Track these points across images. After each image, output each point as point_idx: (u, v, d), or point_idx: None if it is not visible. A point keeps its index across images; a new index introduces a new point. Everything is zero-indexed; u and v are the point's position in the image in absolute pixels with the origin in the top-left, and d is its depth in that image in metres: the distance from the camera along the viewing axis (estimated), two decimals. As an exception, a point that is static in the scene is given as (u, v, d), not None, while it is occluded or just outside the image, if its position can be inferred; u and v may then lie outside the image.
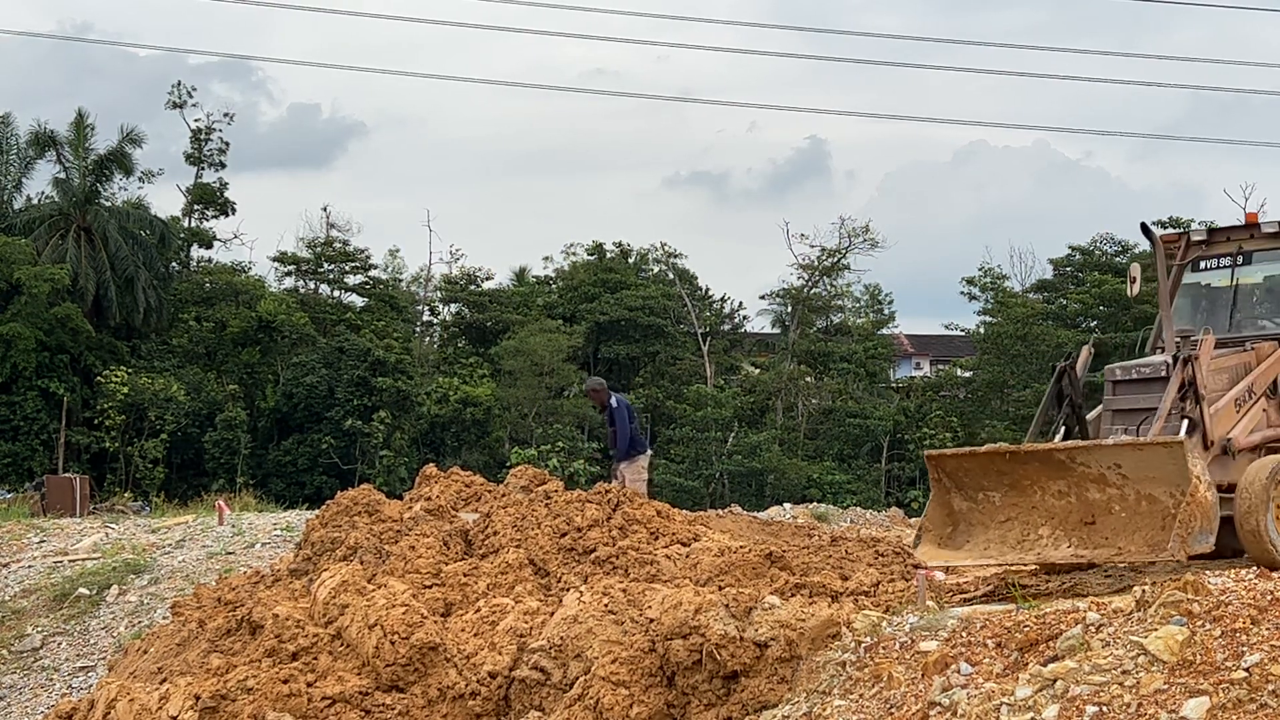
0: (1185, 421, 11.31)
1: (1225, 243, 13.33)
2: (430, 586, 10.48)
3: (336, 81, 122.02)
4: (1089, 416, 12.14)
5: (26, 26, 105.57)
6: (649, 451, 16.44)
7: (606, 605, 9.02)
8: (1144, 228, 12.78)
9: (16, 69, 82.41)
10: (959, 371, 56.65)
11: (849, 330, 57.62)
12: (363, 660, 9.29)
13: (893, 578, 9.72)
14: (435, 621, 9.49)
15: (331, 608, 9.86)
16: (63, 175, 47.88)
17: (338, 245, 55.09)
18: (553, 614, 9.37)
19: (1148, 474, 10.51)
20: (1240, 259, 13.19)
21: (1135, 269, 13.07)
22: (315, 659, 9.38)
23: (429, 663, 9.13)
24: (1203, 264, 13.54)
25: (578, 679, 8.46)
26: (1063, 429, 12.14)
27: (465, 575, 10.56)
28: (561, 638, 8.77)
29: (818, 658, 7.93)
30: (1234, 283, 13.31)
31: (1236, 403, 11.93)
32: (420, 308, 58.66)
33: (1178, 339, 12.25)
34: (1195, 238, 13.40)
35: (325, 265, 55.31)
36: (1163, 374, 11.74)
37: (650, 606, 8.78)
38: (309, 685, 9.04)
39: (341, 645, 9.50)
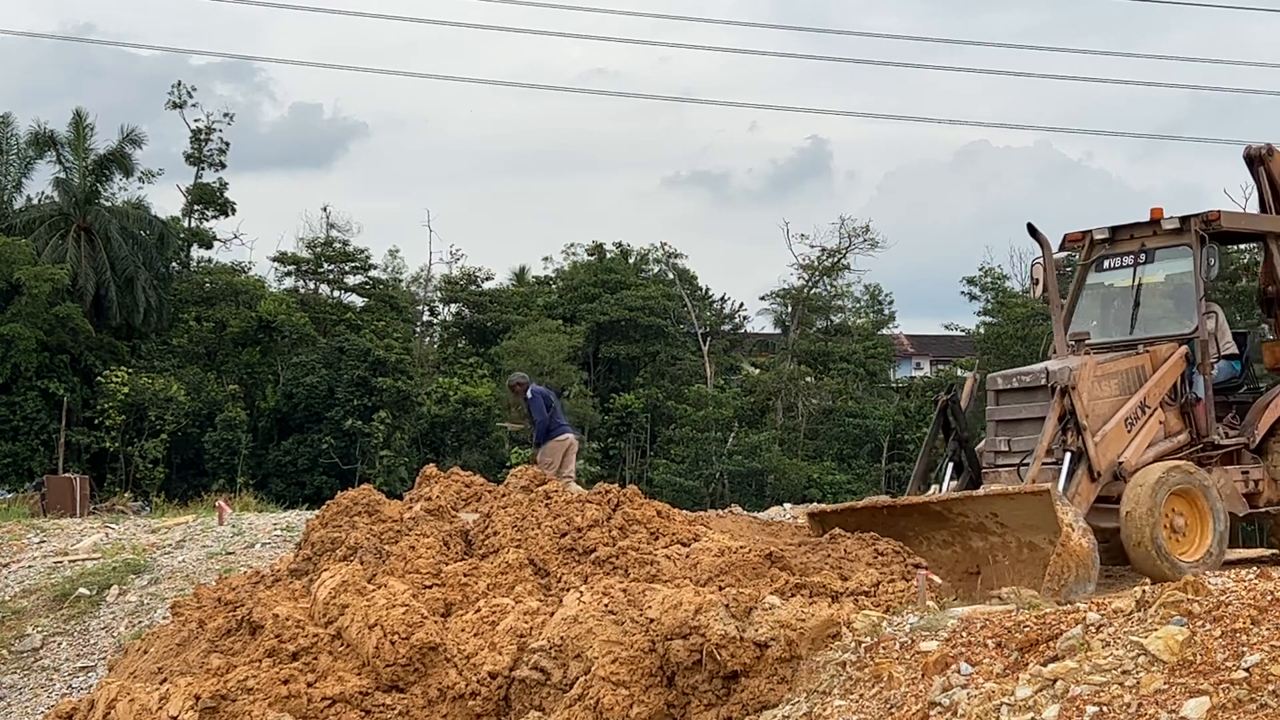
0: (1067, 455, 10.97)
1: (1128, 240, 12.89)
2: (430, 586, 10.47)
3: (338, 82, 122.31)
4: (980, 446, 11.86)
5: (28, 27, 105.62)
6: (568, 435, 17.56)
7: (606, 605, 9.02)
8: (1031, 229, 12.24)
9: (19, 70, 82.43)
10: (959, 372, 56.61)
11: (849, 330, 57.59)
12: (363, 660, 9.28)
13: (893, 578, 9.71)
14: (435, 621, 9.49)
15: (331, 608, 9.85)
16: (63, 175, 47.89)
17: (338, 245, 55.05)
18: (553, 614, 9.37)
19: (1025, 522, 10.31)
20: (1143, 257, 12.76)
21: (1038, 270, 12.55)
22: (315, 659, 9.38)
23: (429, 663, 9.13)
24: (1107, 263, 13.08)
25: (578, 679, 8.46)
26: (950, 465, 11.91)
27: (465, 575, 10.55)
28: (562, 638, 8.77)
29: (818, 658, 7.93)
30: (1136, 282, 12.84)
31: (1127, 422, 11.47)
32: (420, 308, 58.62)
33: (1071, 343, 11.81)
34: (1098, 236, 13.01)
35: (325, 265, 55.27)
36: (1042, 382, 11.38)
37: (650, 606, 8.78)
38: (309, 685, 9.04)
39: (341, 645, 9.49)
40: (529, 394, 17.68)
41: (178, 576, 18.48)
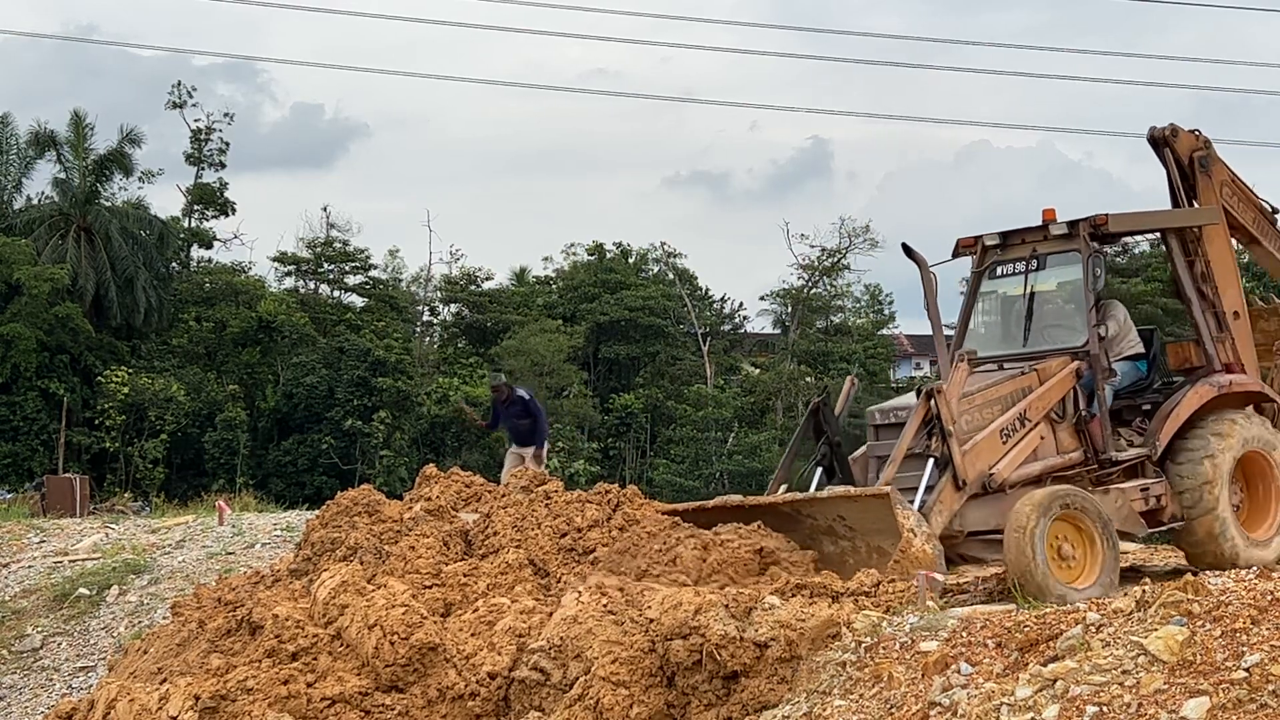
0: (930, 462, 10.47)
1: (1020, 246, 12.26)
2: (430, 587, 10.47)
3: (340, 82, 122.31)
4: (854, 455, 11.42)
5: (31, 28, 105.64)
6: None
7: (605, 605, 9.01)
8: (905, 249, 11.68)
9: (22, 70, 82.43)
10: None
11: (849, 330, 57.62)
12: (362, 661, 9.28)
13: (893, 578, 9.69)
14: (435, 622, 9.48)
15: (331, 608, 9.85)
16: (63, 175, 47.92)
17: (338, 245, 55.10)
18: (551, 614, 9.36)
19: (871, 526, 10.01)
20: (1034, 264, 12.13)
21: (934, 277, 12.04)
22: (315, 659, 9.37)
23: (428, 663, 9.12)
24: (1000, 270, 12.45)
25: (578, 679, 8.45)
26: (820, 470, 11.51)
27: (465, 575, 10.55)
28: (561, 638, 8.76)
29: (818, 658, 7.93)
30: (1028, 291, 12.22)
31: (1002, 433, 10.93)
32: (420, 308, 58.64)
33: (962, 359, 11.13)
34: (990, 242, 12.37)
35: (325, 265, 55.31)
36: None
37: (650, 607, 8.78)
38: (309, 686, 9.03)
39: (341, 645, 9.49)
40: (527, 397, 17.82)
41: (178, 576, 18.48)
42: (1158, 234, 12.91)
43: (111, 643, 16.89)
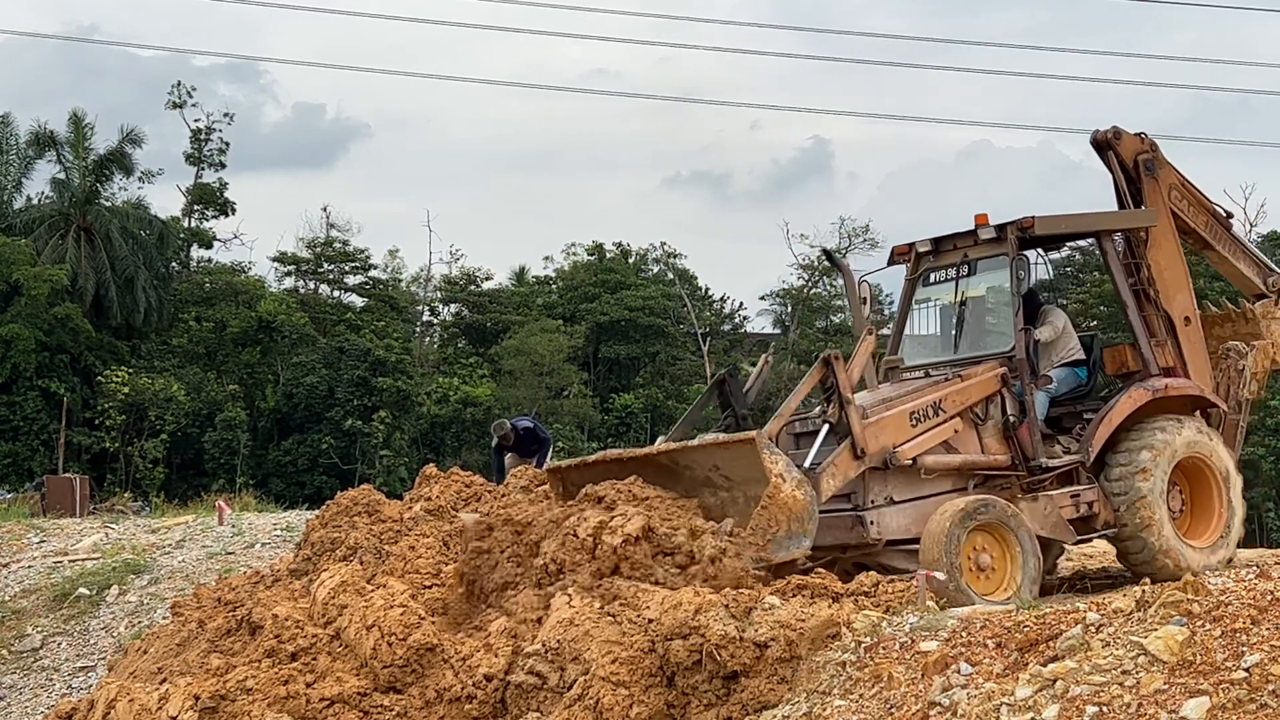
0: (825, 425, 10.41)
1: (952, 251, 12.12)
2: (430, 586, 10.47)
3: (341, 82, 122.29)
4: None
5: (33, 28, 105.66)
6: None
7: (601, 607, 8.98)
8: (826, 254, 11.53)
9: (23, 70, 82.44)
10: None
11: (849, 330, 57.61)
12: (361, 661, 9.27)
13: (893, 578, 9.68)
14: (432, 622, 9.46)
15: (330, 608, 9.84)
16: (62, 176, 47.91)
17: (337, 245, 55.13)
18: (539, 620, 9.29)
19: (745, 474, 9.86)
20: (965, 269, 11.99)
21: (865, 288, 11.91)
22: (314, 660, 9.36)
23: (426, 664, 9.09)
24: (933, 277, 12.31)
25: (576, 680, 8.44)
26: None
27: (465, 575, 10.53)
28: (558, 641, 8.73)
29: (818, 658, 7.93)
30: (959, 297, 12.10)
31: (912, 415, 10.83)
32: (420, 308, 58.66)
33: (870, 331, 11.07)
34: (922, 249, 12.27)
35: (325, 265, 55.33)
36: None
37: (648, 607, 8.77)
38: (308, 686, 9.03)
39: (340, 646, 9.47)
40: (531, 425, 17.27)
41: (178, 576, 18.48)
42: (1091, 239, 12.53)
43: (111, 643, 16.89)
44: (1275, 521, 45.84)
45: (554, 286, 59.31)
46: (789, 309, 57.20)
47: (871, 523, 10.65)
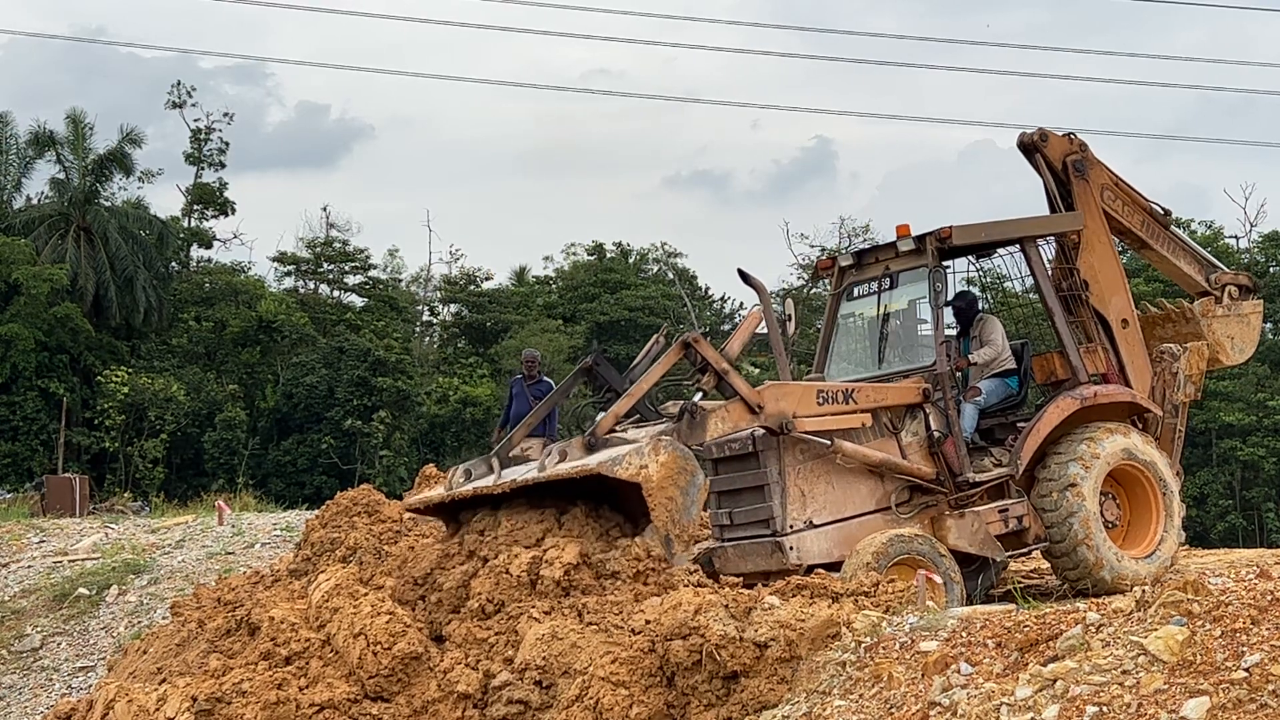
0: (699, 394, 10.38)
1: (874, 265, 11.97)
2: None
3: (345, 83, 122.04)
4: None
5: (40, 29, 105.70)
6: None
7: (581, 618, 8.87)
8: (741, 274, 11.43)
9: (30, 71, 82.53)
10: (959, 371, 56.58)
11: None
12: (350, 668, 9.19)
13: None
14: (419, 629, 9.31)
15: (324, 611, 9.78)
16: (62, 175, 47.91)
17: (337, 245, 55.14)
18: (515, 643, 9.12)
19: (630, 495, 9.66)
20: (886, 282, 11.82)
21: (790, 305, 11.87)
22: (307, 664, 9.28)
23: (412, 673, 8.95)
24: (856, 291, 12.15)
25: (570, 691, 8.38)
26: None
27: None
28: (544, 658, 8.56)
29: (818, 658, 7.92)
30: (881, 311, 11.93)
31: (819, 394, 10.77)
32: (420, 308, 58.66)
33: (756, 307, 10.96)
34: (844, 263, 12.15)
35: (325, 265, 55.34)
36: (750, 449, 10.68)
37: (633, 614, 8.73)
38: (300, 691, 8.96)
39: (331, 651, 9.40)
40: (552, 384, 16.87)
41: (177, 576, 18.48)
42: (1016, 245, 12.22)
43: (111, 643, 16.88)
44: (1275, 522, 45.79)
45: (554, 286, 59.32)
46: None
47: (791, 548, 10.51)
